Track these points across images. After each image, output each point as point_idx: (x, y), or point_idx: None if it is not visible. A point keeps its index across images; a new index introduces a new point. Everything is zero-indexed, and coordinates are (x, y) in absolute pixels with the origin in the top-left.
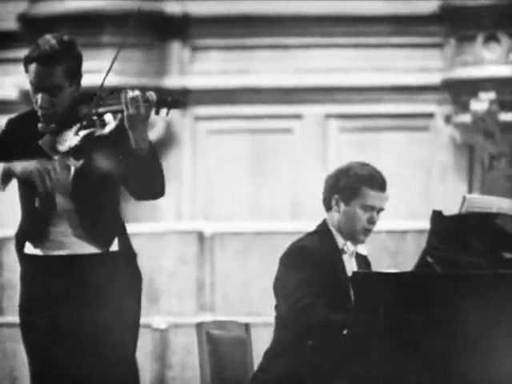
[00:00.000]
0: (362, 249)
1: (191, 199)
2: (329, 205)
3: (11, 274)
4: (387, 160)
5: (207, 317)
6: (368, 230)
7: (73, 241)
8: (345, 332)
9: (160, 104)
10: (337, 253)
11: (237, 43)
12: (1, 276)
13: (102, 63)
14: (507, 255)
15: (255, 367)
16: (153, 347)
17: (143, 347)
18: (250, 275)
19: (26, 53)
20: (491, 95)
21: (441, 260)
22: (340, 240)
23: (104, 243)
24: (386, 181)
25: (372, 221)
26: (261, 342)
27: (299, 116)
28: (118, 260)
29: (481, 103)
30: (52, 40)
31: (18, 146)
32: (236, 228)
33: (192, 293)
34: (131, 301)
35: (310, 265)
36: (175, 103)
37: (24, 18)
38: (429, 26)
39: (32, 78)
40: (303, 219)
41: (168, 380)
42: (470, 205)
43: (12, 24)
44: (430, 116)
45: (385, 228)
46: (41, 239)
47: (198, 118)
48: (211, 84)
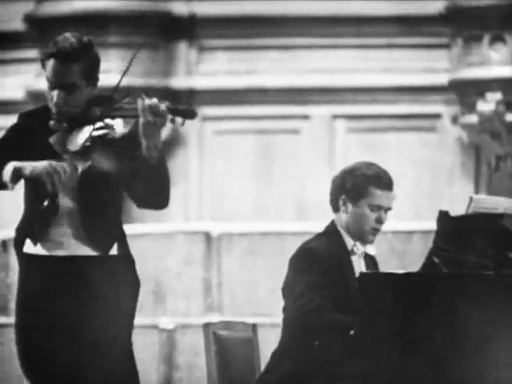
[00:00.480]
0: (371, 249)
1: (198, 199)
2: (336, 206)
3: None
4: (394, 160)
5: (214, 317)
6: (376, 230)
7: (73, 242)
8: (351, 333)
9: (175, 113)
10: (346, 254)
11: (243, 44)
12: (7, 277)
13: (108, 64)
14: None
15: (262, 368)
16: (160, 348)
17: (150, 348)
18: (257, 276)
19: (44, 49)
20: (498, 96)
21: (447, 260)
22: (349, 241)
23: (104, 246)
24: (393, 180)
25: (380, 220)
26: (268, 343)
27: (306, 116)
28: (117, 264)
29: (487, 104)
30: (71, 38)
31: (28, 141)
32: (243, 228)
33: (199, 293)
34: (127, 303)
35: (318, 267)
36: (190, 113)
37: (30, 19)
38: (435, 27)
39: (49, 74)
40: (310, 220)
41: (175, 381)
42: (477, 205)
43: (18, 24)
44: (437, 117)
45: (391, 228)
46: (41, 239)
47: (205, 119)
48: (218, 84)
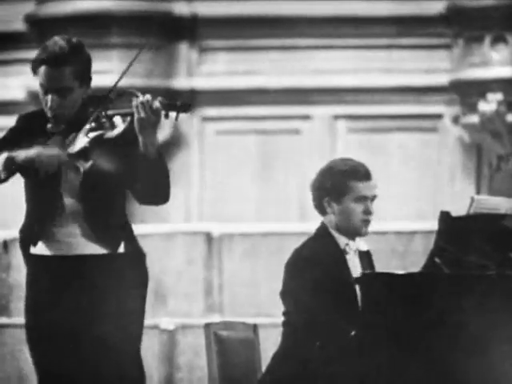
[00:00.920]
0: (363, 244)
1: (199, 200)
2: (322, 209)
3: (19, 275)
4: (395, 161)
5: (215, 318)
6: (367, 221)
7: (81, 242)
8: (353, 333)
9: (169, 107)
10: (340, 254)
11: (245, 44)
12: (8, 277)
13: (109, 64)
14: None
15: (263, 368)
16: (161, 348)
17: (151, 348)
18: (258, 276)
19: (35, 55)
20: (499, 96)
21: (448, 261)
22: (342, 241)
23: (112, 245)
24: (370, 169)
25: (368, 211)
26: (269, 343)
27: (307, 117)
28: (125, 261)
29: (489, 104)
30: (61, 41)
31: (27, 144)
32: (244, 229)
33: (200, 294)
34: (136, 302)
35: (315, 272)
36: (184, 107)
37: (31, 19)
38: (436, 28)
39: (41, 80)
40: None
41: (176, 381)
42: (478, 205)
43: (19, 25)
44: (438, 117)
45: (393, 229)
46: (47, 239)
47: (206, 119)
48: (219, 85)
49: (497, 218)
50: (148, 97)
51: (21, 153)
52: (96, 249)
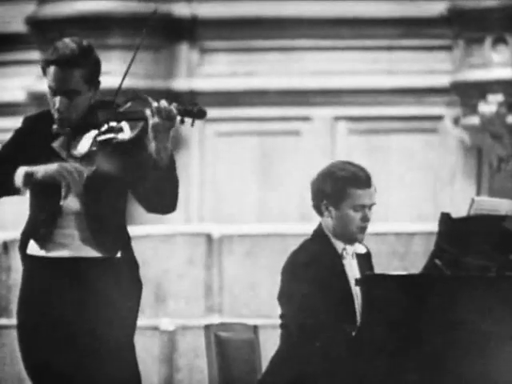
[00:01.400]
0: (361, 247)
1: (199, 201)
2: (320, 211)
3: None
4: (396, 162)
5: (215, 319)
6: (364, 228)
7: (78, 244)
8: (353, 334)
9: (185, 113)
10: (337, 258)
11: (245, 45)
12: (8, 278)
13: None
14: None
15: (264, 369)
16: (160, 349)
17: (151, 349)
18: (259, 277)
19: (45, 55)
20: (499, 97)
21: (449, 262)
22: (338, 245)
23: (110, 249)
24: (371, 175)
25: (366, 218)
26: (269, 344)
27: (307, 118)
28: (120, 266)
29: (489, 105)
30: (72, 44)
31: (32, 145)
32: (244, 230)
33: (200, 295)
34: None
35: (312, 276)
36: (200, 113)
37: (31, 20)
38: (437, 29)
39: (50, 81)
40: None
41: (176, 382)
42: (479, 207)
43: (20, 26)
44: (439, 118)
45: (393, 230)
46: (45, 241)
47: (206, 120)
48: (219, 86)
49: (497, 220)
50: (164, 102)
51: (40, 168)
52: (93, 252)
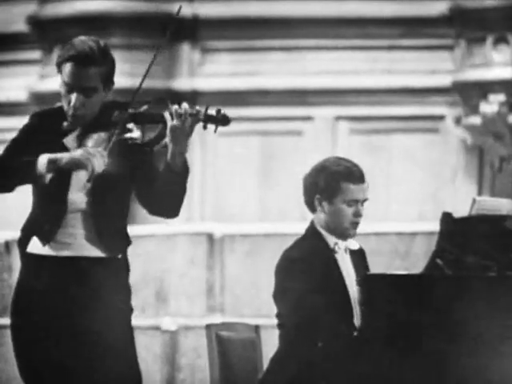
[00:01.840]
0: (354, 243)
1: (201, 201)
2: (312, 206)
3: None
4: (397, 162)
5: (217, 319)
6: (356, 224)
7: (81, 243)
8: (354, 334)
9: (208, 119)
10: (329, 254)
11: (247, 45)
12: (10, 278)
13: None
14: None
15: (265, 369)
16: (162, 349)
17: (152, 349)
18: (260, 277)
19: (60, 52)
20: (501, 97)
21: (450, 262)
22: (330, 240)
23: (114, 250)
24: (363, 171)
25: (358, 214)
26: (271, 344)
27: (309, 118)
28: (120, 267)
29: (490, 105)
30: (90, 41)
31: (39, 141)
32: (246, 229)
33: (202, 294)
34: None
35: (305, 274)
36: (224, 121)
37: (32, 20)
38: (438, 28)
39: (67, 78)
40: None
41: (177, 382)
42: (480, 207)
43: (21, 26)
44: (440, 118)
45: (395, 230)
46: (49, 238)
47: None
48: (221, 86)
49: (498, 220)
50: (185, 105)
51: (64, 154)
52: (97, 252)
